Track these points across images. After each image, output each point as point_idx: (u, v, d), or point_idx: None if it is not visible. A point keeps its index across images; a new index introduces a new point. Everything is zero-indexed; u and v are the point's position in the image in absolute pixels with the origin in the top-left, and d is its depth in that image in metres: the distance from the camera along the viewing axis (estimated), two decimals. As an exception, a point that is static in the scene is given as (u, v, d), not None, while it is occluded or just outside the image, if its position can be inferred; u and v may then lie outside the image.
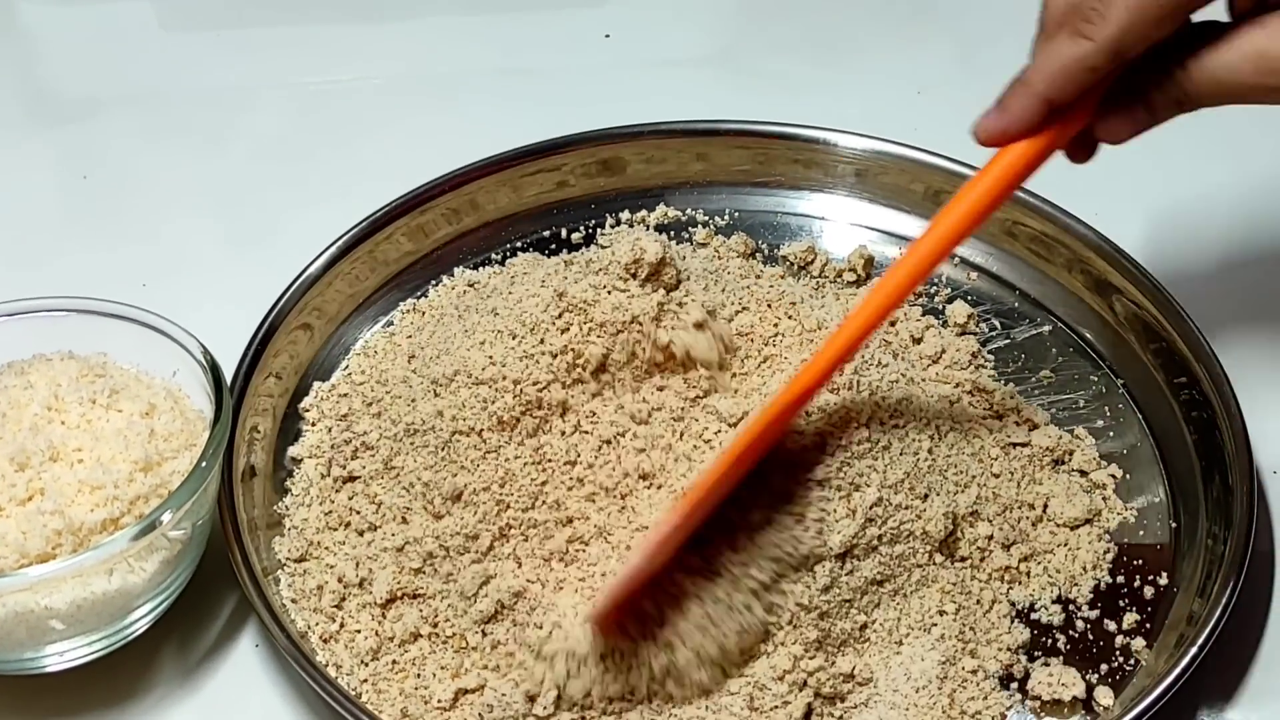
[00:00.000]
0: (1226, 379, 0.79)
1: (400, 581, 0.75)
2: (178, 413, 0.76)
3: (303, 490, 0.80)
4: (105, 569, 0.70)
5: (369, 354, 0.86)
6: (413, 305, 0.88)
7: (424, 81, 1.05)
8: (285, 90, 1.05)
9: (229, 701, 0.74)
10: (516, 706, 0.71)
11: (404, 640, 0.74)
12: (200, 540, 0.75)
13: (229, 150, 1.01)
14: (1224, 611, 0.71)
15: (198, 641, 0.76)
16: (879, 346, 0.80)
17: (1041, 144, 0.67)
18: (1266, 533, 0.79)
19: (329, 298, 0.86)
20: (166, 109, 1.03)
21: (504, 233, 0.91)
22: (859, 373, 0.77)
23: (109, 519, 0.71)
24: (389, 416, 0.80)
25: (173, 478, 0.73)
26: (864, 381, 0.77)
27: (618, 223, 0.92)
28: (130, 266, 0.92)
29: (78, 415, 0.74)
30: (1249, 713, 0.73)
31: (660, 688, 0.71)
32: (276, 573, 0.76)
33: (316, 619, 0.75)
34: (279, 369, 0.83)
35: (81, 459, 0.73)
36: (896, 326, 0.85)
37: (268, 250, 0.92)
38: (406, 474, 0.77)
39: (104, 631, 0.72)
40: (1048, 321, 0.88)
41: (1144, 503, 0.80)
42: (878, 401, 0.77)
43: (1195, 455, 0.79)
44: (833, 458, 0.73)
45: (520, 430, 0.75)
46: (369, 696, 0.73)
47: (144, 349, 0.78)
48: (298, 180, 0.99)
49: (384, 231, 0.88)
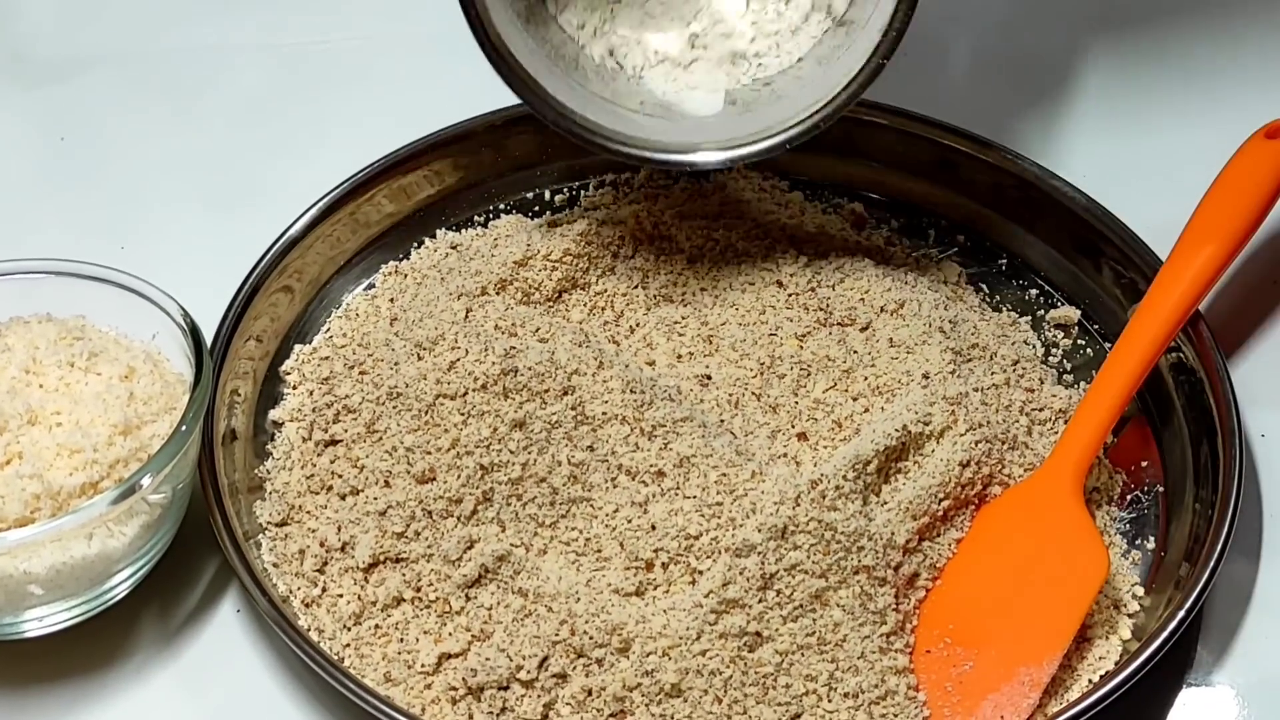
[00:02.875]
0: (1215, 342, 0.79)
1: (383, 545, 0.75)
2: (157, 376, 0.76)
3: (284, 454, 0.80)
4: (84, 533, 0.70)
5: (351, 317, 0.86)
6: (395, 267, 0.88)
7: (407, 41, 1.04)
8: (266, 50, 1.04)
9: (210, 667, 0.74)
10: (501, 671, 0.71)
11: (387, 605, 0.74)
12: (180, 504, 0.74)
13: (209, 111, 1.00)
14: (1210, 576, 0.71)
15: (178, 606, 0.75)
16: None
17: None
18: (1254, 497, 0.79)
19: (310, 260, 0.85)
20: (145, 69, 1.02)
21: (487, 194, 0.91)
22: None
23: (88, 483, 0.71)
24: (371, 379, 0.80)
25: (152, 441, 0.73)
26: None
27: (601, 184, 0.92)
28: (109, 228, 0.92)
29: (56, 378, 0.74)
30: (1235, 677, 0.73)
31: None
32: (258, 537, 0.76)
33: (298, 583, 0.75)
34: (259, 332, 0.82)
35: (60, 422, 0.72)
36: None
37: (248, 212, 0.91)
38: (389, 437, 0.77)
39: (83, 596, 0.72)
40: (1032, 284, 0.87)
41: (1132, 466, 0.80)
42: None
43: (1183, 419, 0.79)
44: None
45: (500, 391, 0.75)
46: (352, 661, 0.72)
47: (123, 311, 0.77)
48: (278, 141, 0.98)
49: (365, 193, 0.87)
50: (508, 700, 0.71)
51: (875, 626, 0.71)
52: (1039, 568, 0.73)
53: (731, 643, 0.70)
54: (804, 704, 0.70)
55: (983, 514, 0.76)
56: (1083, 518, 0.74)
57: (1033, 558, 0.74)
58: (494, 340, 0.78)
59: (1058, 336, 0.85)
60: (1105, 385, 0.77)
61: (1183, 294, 0.78)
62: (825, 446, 0.77)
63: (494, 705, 0.71)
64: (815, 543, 0.71)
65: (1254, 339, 0.86)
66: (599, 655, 0.71)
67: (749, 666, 0.70)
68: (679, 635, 0.70)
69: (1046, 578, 0.73)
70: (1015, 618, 0.72)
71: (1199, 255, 0.79)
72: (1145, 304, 0.79)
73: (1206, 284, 0.79)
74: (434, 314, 0.81)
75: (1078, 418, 0.77)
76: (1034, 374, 0.82)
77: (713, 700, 0.70)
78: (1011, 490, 0.77)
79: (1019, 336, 0.84)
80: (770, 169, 0.91)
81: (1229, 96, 0.97)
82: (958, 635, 0.72)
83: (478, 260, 0.86)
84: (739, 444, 0.76)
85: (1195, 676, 0.73)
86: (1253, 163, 0.81)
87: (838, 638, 0.71)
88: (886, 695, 0.70)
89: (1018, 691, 0.70)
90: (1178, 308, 0.78)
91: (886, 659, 0.71)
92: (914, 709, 0.70)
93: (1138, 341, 0.78)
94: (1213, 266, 0.79)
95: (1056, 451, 0.76)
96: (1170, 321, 0.78)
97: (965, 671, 0.71)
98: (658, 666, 0.70)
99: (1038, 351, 0.84)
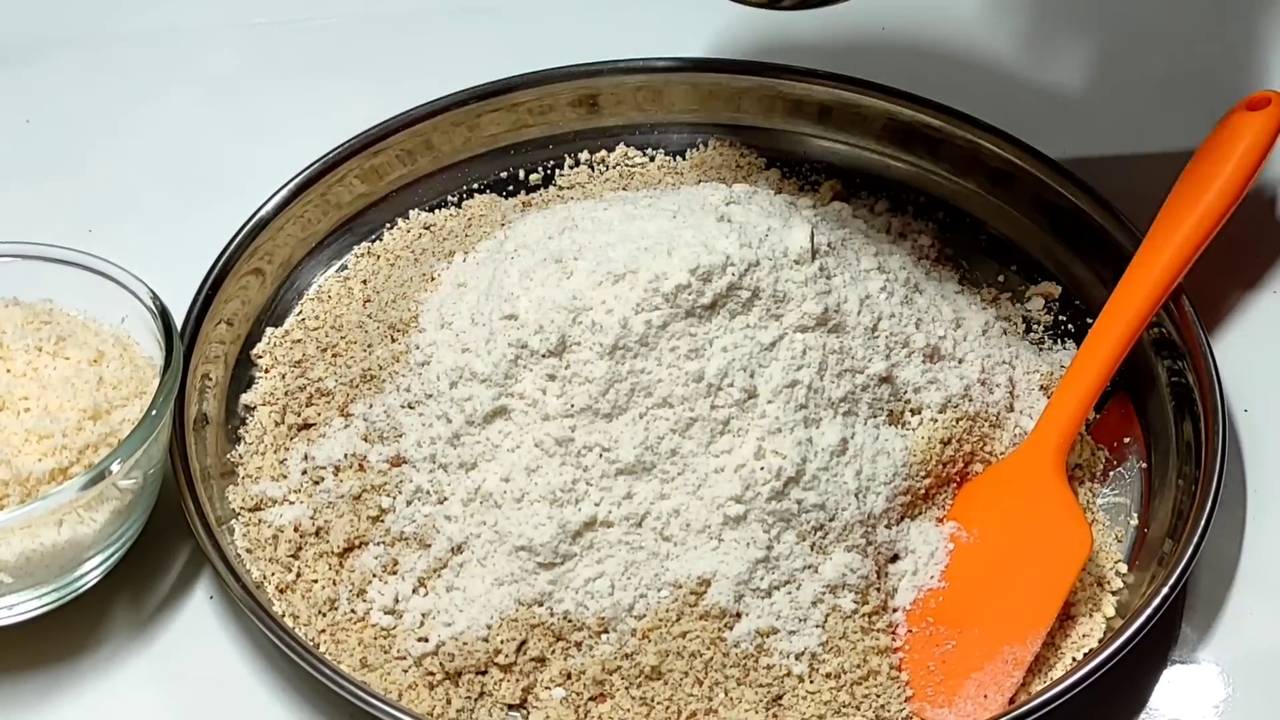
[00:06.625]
0: (1197, 317, 0.80)
1: (357, 529, 0.75)
2: (127, 360, 0.76)
3: (256, 438, 0.80)
4: (54, 520, 0.70)
5: (323, 299, 0.86)
6: (367, 249, 0.88)
7: (378, 20, 1.05)
8: (234, 30, 1.04)
9: (183, 654, 0.74)
10: (479, 655, 0.71)
11: (362, 589, 0.74)
12: (152, 490, 0.75)
13: (176, 91, 1.00)
14: (1194, 552, 0.71)
15: (150, 594, 0.76)
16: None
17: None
18: (1237, 473, 0.80)
19: (280, 241, 0.85)
20: (111, 50, 1.03)
21: (460, 174, 0.91)
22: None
23: (57, 468, 0.71)
24: (344, 362, 0.80)
25: (123, 426, 0.73)
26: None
27: (576, 164, 0.92)
28: (76, 211, 0.92)
29: (23, 363, 0.74)
30: (1220, 653, 0.74)
31: None
32: (230, 522, 0.76)
33: (272, 569, 0.75)
34: (230, 315, 0.82)
35: (28, 407, 0.72)
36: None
37: (217, 193, 0.92)
38: (362, 421, 0.77)
39: (54, 584, 0.72)
40: (1013, 260, 0.88)
41: (1114, 443, 0.80)
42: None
43: (1167, 394, 0.80)
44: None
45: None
46: (327, 647, 0.73)
47: (91, 295, 0.77)
48: (247, 122, 0.98)
49: (336, 173, 0.87)
50: (486, 685, 0.71)
51: (857, 605, 0.72)
52: (1022, 545, 0.74)
53: (711, 624, 0.71)
54: (785, 685, 0.70)
55: (965, 492, 0.76)
56: (1065, 495, 0.75)
57: (1015, 535, 0.74)
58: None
59: (1039, 312, 0.86)
60: (1087, 361, 0.77)
61: (1164, 268, 0.78)
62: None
63: (472, 690, 0.71)
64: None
65: (1236, 313, 0.86)
66: (577, 638, 0.71)
67: (729, 647, 0.70)
68: (658, 617, 0.71)
69: (1029, 555, 0.73)
70: (998, 596, 0.72)
71: (1180, 228, 0.79)
72: (1127, 278, 0.79)
73: (1188, 257, 0.79)
74: (407, 295, 0.81)
75: (1060, 394, 0.77)
76: (1015, 349, 0.82)
77: (693, 682, 0.70)
78: (993, 467, 0.77)
79: (1000, 311, 0.85)
80: (747, 144, 0.91)
81: (1211, 72, 0.98)
82: (940, 614, 0.72)
83: (451, 240, 0.86)
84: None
85: (1180, 653, 0.74)
86: (1234, 134, 0.81)
87: (818, 616, 0.71)
88: (869, 675, 0.71)
89: (1001, 670, 0.70)
90: (1159, 282, 0.78)
91: (868, 639, 0.71)
92: (896, 689, 0.71)
93: (1119, 316, 0.78)
94: (1194, 239, 0.79)
95: (1038, 428, 0.76)
96: (1152, 296, 0.78)
97: (948, 650, 0.72)
98: (637, 649, 0.70)
99: (1019, 327, 0.85)
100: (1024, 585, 0.72)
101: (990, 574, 0.73)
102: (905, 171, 0.91)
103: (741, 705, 0.70)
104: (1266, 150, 0.81)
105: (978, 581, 0.73)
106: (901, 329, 0.77)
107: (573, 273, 0.74)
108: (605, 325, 0.72)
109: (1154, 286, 0.78)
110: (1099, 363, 0.77)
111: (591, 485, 0.72)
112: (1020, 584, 0.72)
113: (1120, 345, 0.77)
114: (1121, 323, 0.78)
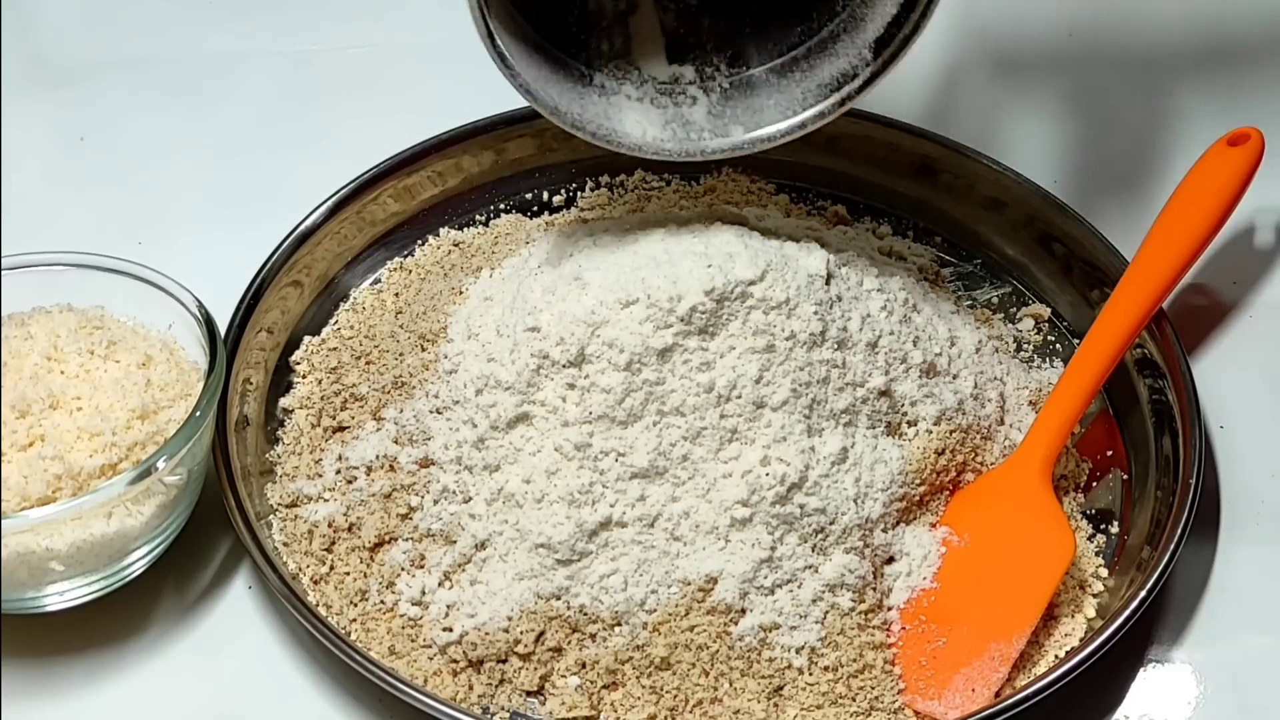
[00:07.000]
0: (1177, 339, 0.80)
1: (387, 526, 0.76)
2: (173, 364, 0.76)
3: (294, 439, 0.80)
4: (104, 512, 0.70)
5: (358, 310, 0.86)
6: (400, 264, 0.88)
7: (411, 49, 1.05)
8: (277, 56, 1.04)
9: (223, 640, 0.75)
10: (500, 644, 0.72)
11: (391, 582, 0.75)
12: (195, 486, 0.75)
13: (221, 114, 1.00)
14: (1171, 559, 0.72)
15: (193, 583, 0.76)
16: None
17: None
18: (1212, 485, 0.80)
19: (319, 255, 0.86)
20: (161, 74, 1.03)
21: (488, 195, 0.91)
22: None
23: (107, 464, 0.71)
24: (376, 369, 0.81)
25: (169, 426, 0.73)
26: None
27: (597, 186, 0.92)
28: (127, 224, 0.92)
29: (76, 365, 0.74)
30: (1194, 654, 0.75)
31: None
32: (269, 517, 0.77)
33: (307, 561, 0.75)
34: (270, 324, 0.83)
35: (80, 407, 0.73)
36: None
37: (259, 210, 0.91)
38: (393, 424, 0.78)
39: (102, 572, 0.73)
40: (1006, 283, 0.88)
41: (1098, 455, 0.81)
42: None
43: (1148, 411, 0.80)
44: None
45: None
46: (358, 635, 0.73)
47: (141, 303, 0.78)
48: (288, 143, 0.98)
49: (371, 192, 0.88)
50: (506, 672, 0.72)
51: (854, 604, 0.73)
52: (1009, 550, 0.74)
53: (718, 619, 0.71)
54: (786, 676, 0.71)
55: (957, 499, 0.77)
56: (1051, 503, 0.76)
57: (1004, 540, 0.75)
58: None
59: (1029, 332, 0.86)
60: (1074, 378, 0.78)
61: (1148, 293, 0.79)
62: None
63: (493, 677, 0.72)
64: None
65: (1214, 336, 0.87)
66: (592, 630, 0.72)
67: (734, 641, 0.71)
68: (668, 611, 0.72)
69: (1016, 559, 0.74)
70: (987, 597, 0.73)
71: (1163, 257, 0.80)
72: (1112, 302, 0.80)
73: (1170, 284, 0.80)
74: (437, 307, 0.82)
75: (1047, 409, 0.78)
76: (1006, 367, 0.83)
77: (700, 673, 0.71)
78: (984, 477, 0.78)
79: (993, 331, 0.85)
80: (758, 171, 0.91)
81: (1193, 107, 0.98)
82: (932, 613, 0.73)
83: (478, 257, 0.87)
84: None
85: (1155, 653, 0.74)
86: (1214, 169, 0.82)
87: (817, 613, 0.72)
88: (864, 669, 0.72)
89: (988, 665, 0.71)
90: (1143, 306, 0.79)
91: (865, 635, 0.72)
92: (890, 682, 0.72)
93: (1105, 337, 0.79)
94: (1176, 267, 0.80)
95: (1027, 441, 0.77)
96: (1135, 318, 0.79)
97: (939, 647, 0.72)
98: (648, 641, 0.71)
99: (1010, 346, 0.85)
100: (1011, 587, 0.73)
101: (979, 576, 0.74)
102: (906, 198, 0.91)
103: (745, 695, 0.71)
104: (1245, 184, 0.82)
105: (968, 583, 0.74)
106: (900, 346, 0.77)
107: (592, 289, 0.74)
108: (622, 340, 0.72)
109: (1137, 310, 0.79)
110: (1084, 380, 0.78)
111: (607, 488, 0.72)
112: (1007, 586, 0.73)
113: (1105, 364, 0.78)
114: (1106, 343, 0.78)
